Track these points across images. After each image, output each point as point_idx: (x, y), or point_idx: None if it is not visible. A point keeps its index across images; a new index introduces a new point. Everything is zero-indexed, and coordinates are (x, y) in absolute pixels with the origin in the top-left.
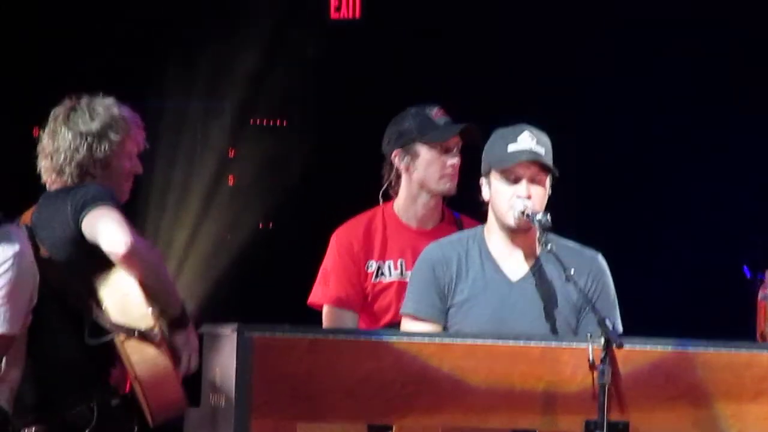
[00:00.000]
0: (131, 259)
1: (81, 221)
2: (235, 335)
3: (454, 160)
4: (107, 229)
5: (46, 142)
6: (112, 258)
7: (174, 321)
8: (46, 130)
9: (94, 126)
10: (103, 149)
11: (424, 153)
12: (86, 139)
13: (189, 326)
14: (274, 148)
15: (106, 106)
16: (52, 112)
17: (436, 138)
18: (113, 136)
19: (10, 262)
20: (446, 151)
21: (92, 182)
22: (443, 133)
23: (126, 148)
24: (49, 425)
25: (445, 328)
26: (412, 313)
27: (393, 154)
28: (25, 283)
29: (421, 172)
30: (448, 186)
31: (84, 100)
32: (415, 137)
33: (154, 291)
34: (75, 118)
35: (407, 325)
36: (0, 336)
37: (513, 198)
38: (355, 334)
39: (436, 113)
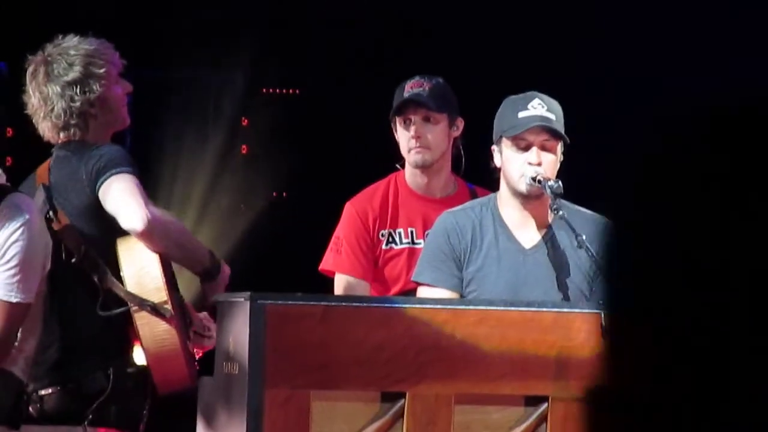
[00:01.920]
0: (150, 235)
1: (98, 189)
2: (248, 304)
3: (410, 132)
4: (126, 205)
5: (37, 104)
6: (132, 234)
7: (203, 274)
8: (30, 91)
9: (77, 70)
10: (94, 88)
11: (397, 127)
12: (76, 86)
13: (218, 277)
14: (287, 117)
15: (75, 47)
16: (28, 72)
17: (395, 112)
18: (97, 71)
19: (20, 232)
20: (406, 124)
21: (105, 144)
22: (397, 107)
23: (112, 75)
24: (64, 389)
25: (461, 297)
26: (430, 282)
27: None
28: (36, 251)
29: (400, 145)
30: (414, 159)
31: (52, 50)
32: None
33: (177, 260)
34: (55, 71)
35: (425, 294)
36: (16, 305)
37: (524, 165)
38: (368, 301)
39: (410, 85)
